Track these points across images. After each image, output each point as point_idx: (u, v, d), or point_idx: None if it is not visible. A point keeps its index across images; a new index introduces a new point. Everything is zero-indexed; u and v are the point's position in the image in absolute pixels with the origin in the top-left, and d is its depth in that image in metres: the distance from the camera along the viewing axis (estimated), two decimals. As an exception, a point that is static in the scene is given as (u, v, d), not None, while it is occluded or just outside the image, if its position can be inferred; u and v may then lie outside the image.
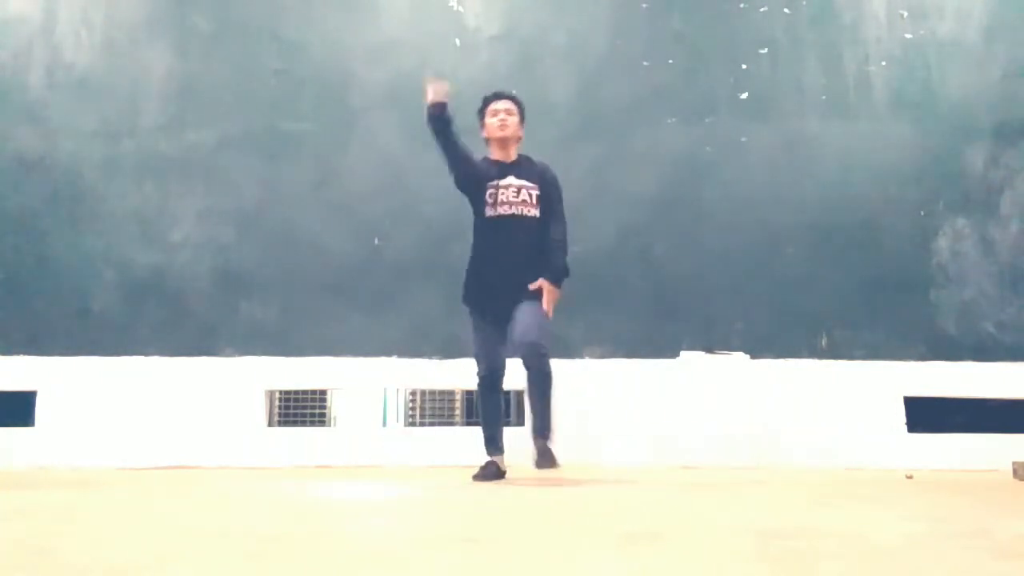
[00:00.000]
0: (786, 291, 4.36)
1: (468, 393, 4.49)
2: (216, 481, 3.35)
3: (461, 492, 2.94)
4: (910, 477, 3.61)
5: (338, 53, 4.58)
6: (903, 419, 4.20)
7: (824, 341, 4.34)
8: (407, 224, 4.38)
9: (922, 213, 4.48)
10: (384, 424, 4.63)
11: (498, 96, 3.38)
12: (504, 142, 3.33)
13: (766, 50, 4.64)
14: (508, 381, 4.21)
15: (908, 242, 4.45)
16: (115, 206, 4.39)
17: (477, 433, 4.27)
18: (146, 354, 4.21)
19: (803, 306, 4.34)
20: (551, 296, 3.23)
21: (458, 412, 4.59)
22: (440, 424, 4.61)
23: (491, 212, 3.26)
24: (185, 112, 4.49)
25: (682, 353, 4.28)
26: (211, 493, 2.93)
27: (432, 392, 4.68)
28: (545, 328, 3.19)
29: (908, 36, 4.67)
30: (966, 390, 4.23)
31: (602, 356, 4.23)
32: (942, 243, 4.46)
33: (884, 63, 4.64)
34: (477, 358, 3.34)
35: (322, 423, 4.47)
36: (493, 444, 3.39)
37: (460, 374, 4.17)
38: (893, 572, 1.41)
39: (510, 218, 3.25)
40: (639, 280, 4.35)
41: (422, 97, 3.19)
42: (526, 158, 3.40)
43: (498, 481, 3.34)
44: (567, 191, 3.41)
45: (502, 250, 3.25)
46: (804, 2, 4.68)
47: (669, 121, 4.56)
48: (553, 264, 3.26)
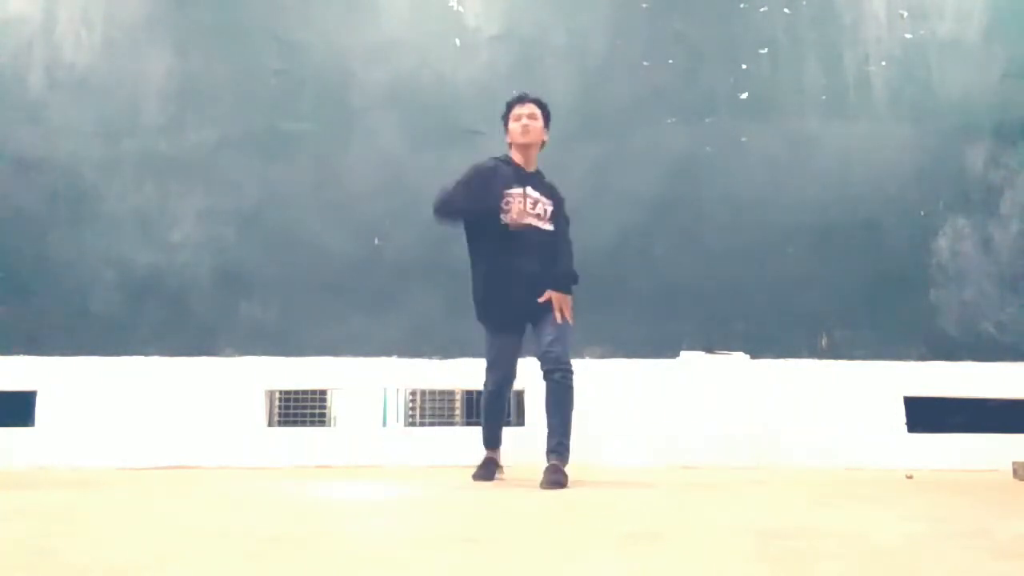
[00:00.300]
0: (786, 291, 4.36)
1: (468, 393, 4.49)
2: (216, 481, 3.35)
3: (461, 492, 2.94)
4: (910, 477, 3.62)
5: (338, 53, 4.57)
6: (903, 419, 4.20)
7: (824, 341, 4.34)
8: (407, 224, 4.38)
9: (922, 213, 4.48)
10: (384, 424, 4.63)
11: (521, 100, 3.28)
12: (527, 148, 3.25)
13: (766, 50, 4.64)
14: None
15: (908, 242, 4.45)
16: (115, 206, 4.39)
17: (477, 433, 4.27)
18: (146, 354, 4.21)
19: (803, 306, 4.34)
20: (563, 304, 3.15)
21: (458, 412, 4.58)
22: (440, 424, 4.61)
23: (506, 217, 3.14)
24: (185, 112, 4.49)
25: (682, 353, 4.28)
26: (211, 493, 2.93)
27: (432, 392, 4.68)
28: (570, 341, 3.14)
29: (908, 36, 4.67)
30: (966, 390, 4.23)
31: (602, 356, 4.23)
32: (942, 243, 4.46)
33: (884, 63, 4.64)
34: (491, 367, 3.27)
35: (322, 423, 4.48)
36: (491, 440, 3.45)
37: (460, 374, 4.18)
38: (893, 572, 1.41)
39: (530, 230, 3.14)
40: (639, 280, 4.35)
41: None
42: (541, 173, 3.33)
43: (497, 481, 3.36)
44: (567, 191, 3.41)
45: (522, 260, 3.13)
46: (804, 2, 4.68)
47: (669, 121, 4.56)
48: (558, 271, 3.18)
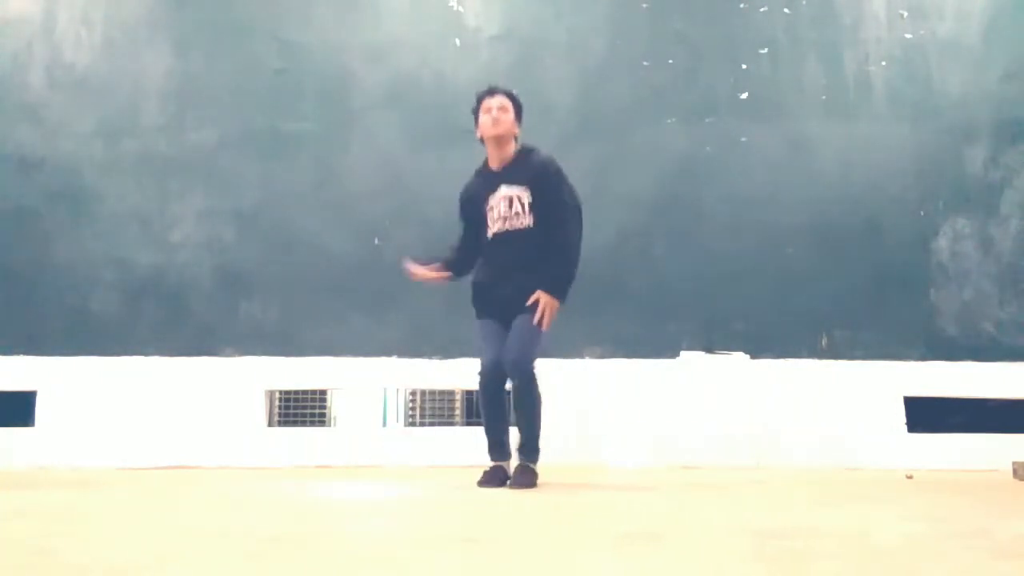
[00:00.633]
0: (786, 291, 4.36)
1: (468, 393, 4.49)
2: (216, 481, 3.35)
3: (461, 492, 2.94)
4: (910, 477, 3.62)
5: (338, 53, 4.57)
6: (903, 419, 4.20)
7: (824, 341, 4.34)
8: (407, 224, 4.38)
9: (922, 213, 4.48)
10: (384, 424, 4.63)
11: (491, 92, 3.17)
12: (498, 140, 3.14)
13: (766, 50, 4.64)
14: (509, 380, 4.24)
15: (908, 242, 4.45)
16: (115, 206, 4.39)
17: (477, 433, 4.26)
18: (146, 354, 4.21)
19: (803, 306, 4.34)
20: (548, 308, 3.02)
21: (458, 412, 4.58)
22: (440, 424, 4.60)
23: (494, 229, 3.15)
24: (185, 112, 4.49)
25: (682, 353, 4.28)
26: (211, 493, 2.93)
27: (432, 392, 4.68)
28: (531, 344, 3.01)
29: (908, 36, 4.66)
30: (966, 390, 4.23)
31: (602, 356, 4.23)
32: (942, 243, 4.46)
33: (884, 63, 4.64)
34: (485, 352, 3.12)
35: (322, 423, 4.47)
36: (498, 448, 3.17)
37: (460, 374, 4.17)
38: (893, 572, 1.41)
39: (503, 235, 3.12)
40: (639, 280, 4.35)
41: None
42: (524, 153, 3.17)
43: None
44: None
45: (497, 268, 3.15)
46: (804, 2, 4.68)
47: (669, 121, 4.56)
48: (550, 273, 3.04)
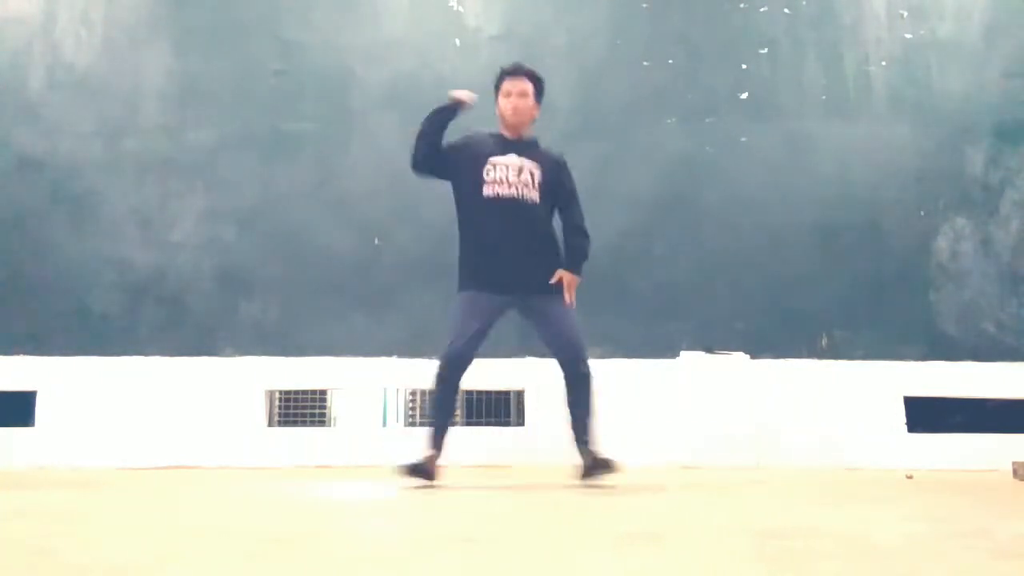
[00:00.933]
0: (786, 291, 4.36)
1: (468, 393, 4.49)
2: (216, 481, 3.35)
3: (461, 492, 2.93)
4: (910, 477, 3.62)
5: (338, 53, 4.57)
6: (903, 419, 4.19)
7: (824, 341, 4.34)
8: (407, 224, 4.38)
9: (922, 213, 4.48)
10: (384, 424, 4.63)
11: (514, 73, 3.10)
12: (517, 126, 3.12)
13: (766, 50, 4.64)
14: (510, 380, 4.24)
15: (908, 242, 4.45)
16: (115, 206, 4.39)
17: (477, 433, 4.29)
18: (146, 354, 4.21)
19: (803, 306, 4.34)
20: (572, 285, 3.07)
21: (458, 412, 4.57)
22: (440, 424, 4.59)
23: (488, 191, 2.99)
24: (185, 112, 4.49)
25: (682, 353, 4.28)
26: (211, 493, 2.93)
27: (432, 392, 4.66)
28: (581, 333, 3.07)
29: (908, 36, 4.66)
30: (966, 390, 4.23)
31: (602, 356, 4.22)
32: (942, 243, 4.45)
33: (884, 63, 4.64)
34: (451, 339, 3.01)
35: (322, 423, 4.47)
36: (440, 440, 3.10)
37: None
38: (893, 572, 1.41)
39: (510, 200, 2.99)
40: (639, 280, 4.35)
41: (445, 97, 3.09)
42: (534, 141, 3.18)
43: (430, 483, 2.99)
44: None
45: (505, 236, 2.98)
46: (804, 2, 4.68)
47: (669, 121, 4.56)
48: (573, 250, 3.07)
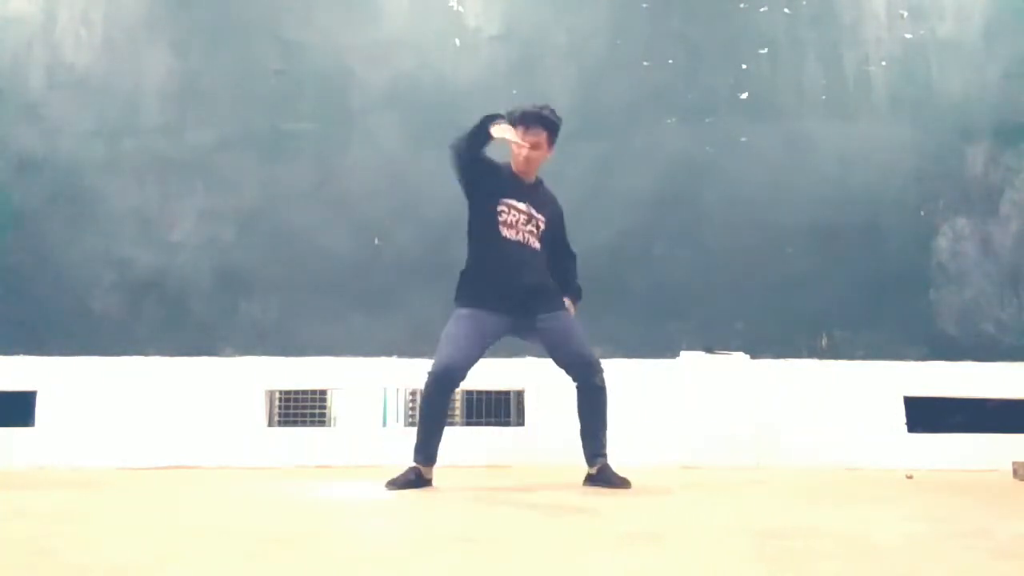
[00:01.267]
0: (786, 291, 4.35)
1: (468, 393, 4.49)
2: (216, 481, 3.35)
3: (461, 492, 2.94)
4: (910, 477, 3.62)
5: (338, 53, 4.57)
6: (903, 419, 4.19)
7: (824, 341, 4.34)
8: (407, 224, 4.38)
9: (922, 213, 4.48)
10: (384, 424, 4.63)
11: (534, 122, 3.11)
12: (526, 173, 3.20)
13: (766, 50, 4.64)
14: (510, 380, 4.24)
15: (908, 242, 4.44)
16: (115, 206, 4.38)
17: (477, 433, 4.29)
18: (146, 354, 4.21)
19: (803, 306, 4.34)
20: (573, 310, 3.35)
21: (458, 412, 4.58)
22: (440, 424, 4.59)
23: (506, 233, 3.12)
24: (185, 112, 4.49)
25: (682, 353, 4.28)
26: (211, 493, 2.93)
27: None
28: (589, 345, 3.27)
29: (908, 36, 4.66)
30: (966, 390, 4.22)
31: (602, 356, 4.20)
32: (942, 243, 4.45)
33: (884, 63, 4.63)
34: (448, 353, 3.00)
35: (322, 423, 4.47)
36: (427, 451, 3.09)
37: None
38: (893, 572, 1.41)
39: (517, 245, 3.13)
40: (639, 280, 4.35)
41: (474, 125, 2.96)
42: (540, 182, 3.28)
43: (423, 488, 2.99)
44: (567, 191, 3.42)
45: (512, 274, 3.11)
46: (804, 2, 4.68)
47: (669, 121, 4.55)
48: (573, 284, 3.37)
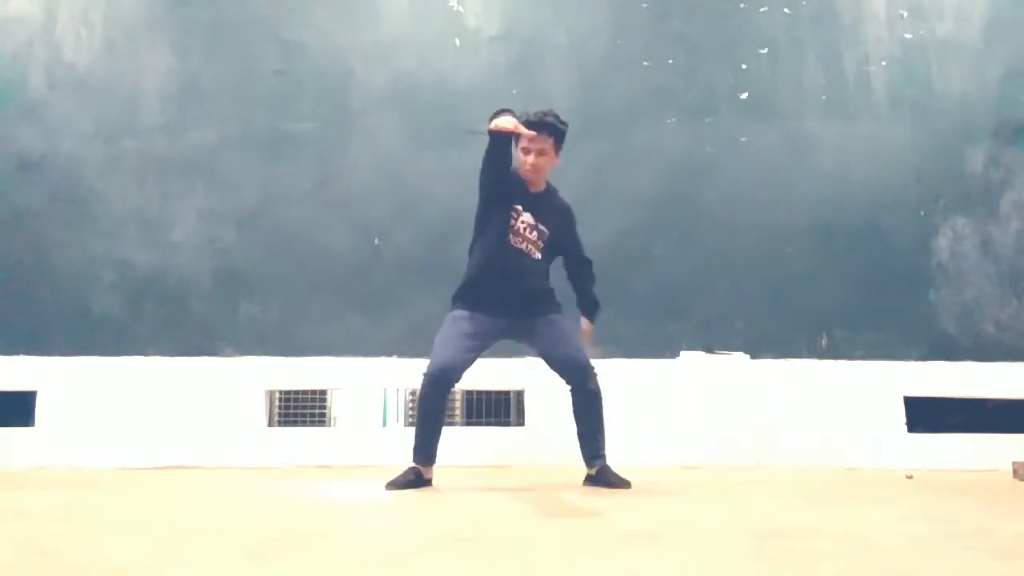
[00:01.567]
0: (786, 291, 4.35)
1: (468, 393, 4.49)
2: (216, 481, 3.36)
3: (460, 492, 2.94)
4: (910, 477, 3.62)
5: (338, 53, 4.57)
6: (903, 419, 4.19)
7: (824, 341, 4.34)
8: (407, 224, 4.38)
9: (922, 213, 4.48)
10: (384, 424, 4.63)
11: (539, 129, 3.05)
12: (533, 181, 3.18)
13: (766, 50, 4.64)
14: (510, 380, 4.24)
15: (908, 242, 4.44)
16: (115, 206, 4.38)
17: (477, 433, 4.28)
18: (146, 354, 4.21)
19: (803, 306, 4.34)
20: (589, 335, 3.41)
21: (458, 412, 4.58)
22: (440, 424, 4.59)
23: (512, 239, 3.13)
24: (185, 112, 4.49)
25: (682, 353, 4.28)
26: (211, 493, 2.93)
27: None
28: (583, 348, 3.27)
29: (908, 36, 4.66)
30: (966, 390, 4.22)
31: (602, 356, 4.22)
32: (942, 243, 4.45)
33: (884, 63, 4.63)
34: (443, 353, 3.04)
35: (322, 423, 4.47)
36: (426, 451, 3.12)
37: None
38: (893, 572, 1.41)
39: (520, 254, 3.14)
40: (639, 280, 4.35)
41: (487, 121, 2.92)
42: (551, 192, 3.26)
43: (423, 488, 3.02)
44: (567, 191, 3.40)
45: (511, 280, 3.13)
46: (804, 2, 4.68)
47: (669, 121, 4.55)
48: (593, 304, 3.39)
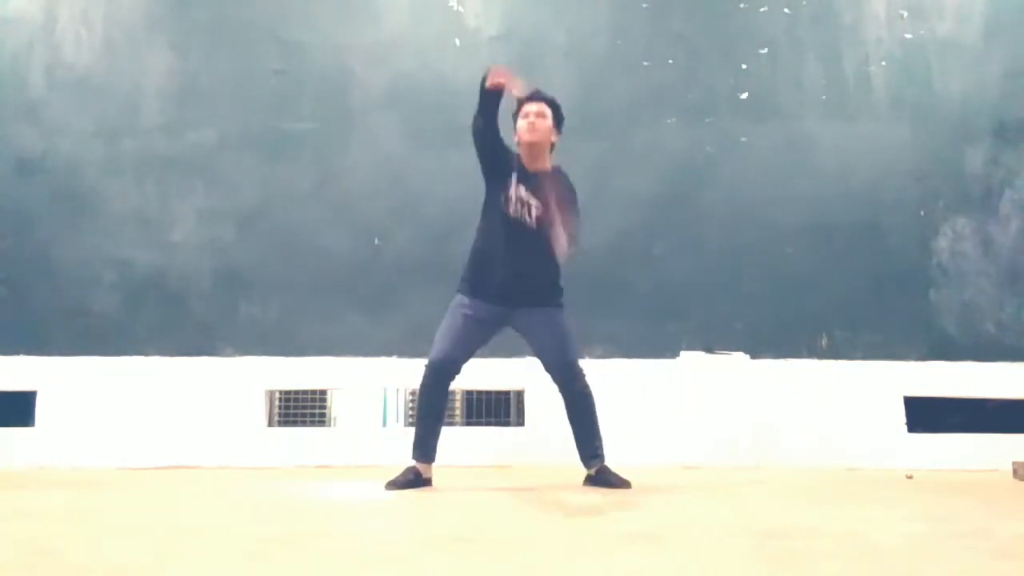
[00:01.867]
0: (786, 291, 4.35)
1: (468, 393, 4.49)
2: (216, 481, 3.36)
3: (460, 492, 2.94)
4: (910, 477, 3.62)
5: (338, 53, 4.57)
6: (903, 419, 4.19)
7: (824, 341, 4.33)
8: (407, 224, 4.38)
9: (922, 213, 4.48)
10: (384, 424, 4.63)
11: (532, 98, 3.17)
12: (533, 147, 3.17)
13: (766, 50, 4.63)
14: (510, 380, 4.24)
15: (908, 242, 4.44)
16: (115, 206, 4.38)
17: (477, 433, 4.28)
18: (146, 354, 4.21)
19: (803, 306, 4.34)
20: None
21: (458, 412, 4.58)
22: (440, 424, 4.59)
23: (507, 210, 3.12)
24: (185, 112, 4.49)
25: (682, 353, 4.28)
26: (211, 493, 2.93)
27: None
28: (577, 346, 3.20)
29: (908, 36, 4.66)
30: (966, 390, 4.22)
31: (602, 356, 4.22)
32: (942, 243, 4.45)
33: (884, 63, 4.63)
34: (444, 344, 3.11)
35: (322, 423, 4.47)
36: (425, 448, 3.15)
37: (460, 374, 4.16)
38: (893, 572, 1.41)
39: (518, 222, 3.11)
40: (639, 280, 4.35)
41: (481, 82, 2.98)
42: (553, 173, 3.21)
43: (423, 488, 3.04)
44: (567, 191, 3.40)
45: (509, 254, 3.11)
46: (804, 2, 4.68)
47: (669, 121, 4.55)
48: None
